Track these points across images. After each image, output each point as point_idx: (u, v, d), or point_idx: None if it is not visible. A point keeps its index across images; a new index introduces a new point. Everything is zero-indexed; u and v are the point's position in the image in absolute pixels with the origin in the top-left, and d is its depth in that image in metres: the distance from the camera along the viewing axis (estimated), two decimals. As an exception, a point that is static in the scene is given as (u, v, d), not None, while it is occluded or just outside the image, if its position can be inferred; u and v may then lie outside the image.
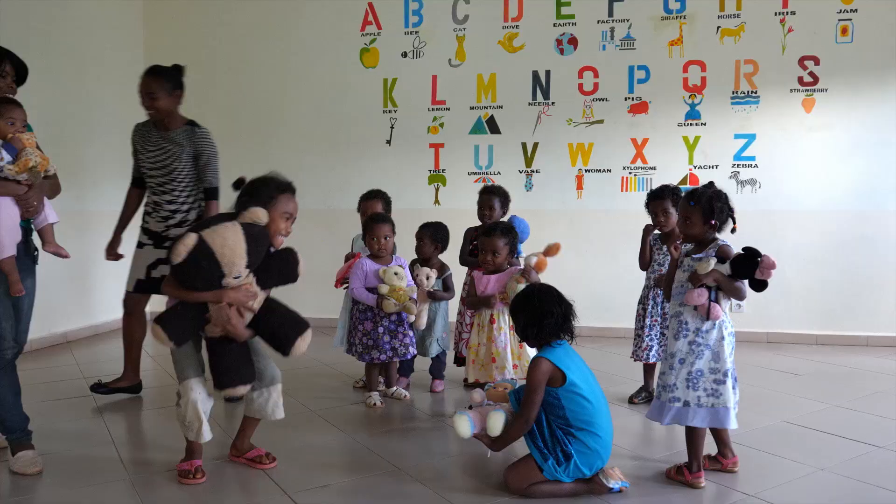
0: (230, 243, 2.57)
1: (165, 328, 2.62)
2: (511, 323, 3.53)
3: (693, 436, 2.84)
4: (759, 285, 2.74)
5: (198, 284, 2.63)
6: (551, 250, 3.53)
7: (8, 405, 2.96)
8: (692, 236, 2.92)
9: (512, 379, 3.38)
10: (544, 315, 2.79)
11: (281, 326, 2.78)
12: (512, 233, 3.63)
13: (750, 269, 2.71)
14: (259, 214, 2.66)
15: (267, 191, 2.84)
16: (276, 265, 2.81)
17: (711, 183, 2.95)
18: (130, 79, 6.65)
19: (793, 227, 5.74)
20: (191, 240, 2.53)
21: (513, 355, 3.53)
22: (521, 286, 3.34)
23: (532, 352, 3.50)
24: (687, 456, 2.87)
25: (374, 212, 4.21)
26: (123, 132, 6.45)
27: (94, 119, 6.01)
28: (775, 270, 2.72)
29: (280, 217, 2.83)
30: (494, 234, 3.60)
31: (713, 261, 2.76)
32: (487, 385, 3.18)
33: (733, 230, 2.90)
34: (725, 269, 2.76)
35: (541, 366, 2.73)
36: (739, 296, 2.81)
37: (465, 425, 2.81)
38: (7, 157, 2.82)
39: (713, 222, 2.86)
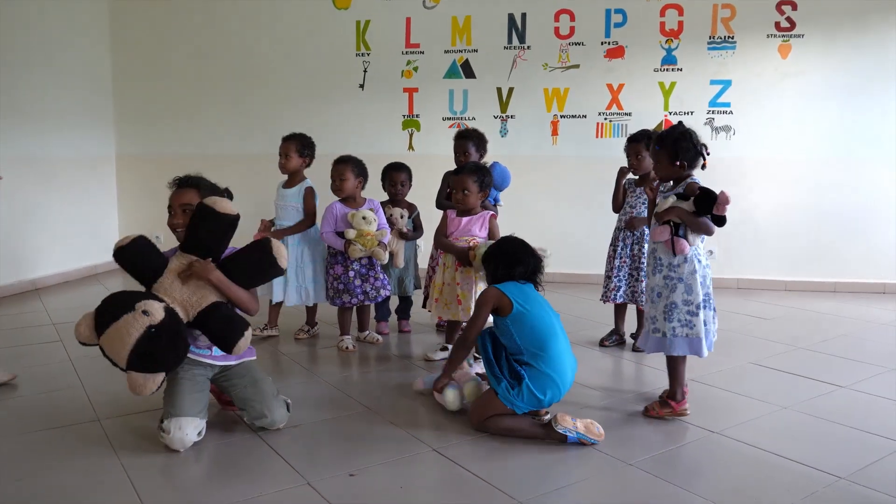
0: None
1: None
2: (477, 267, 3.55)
3: (675, 364, 2.94)
4: (720, 220, 2.81)
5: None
6: None
7: None
8: (664, 177, 2.99)
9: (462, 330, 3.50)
10: (516, 263, 2.93)
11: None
12: (482, 171, 3.59)
13: (708, 205, 2.78)
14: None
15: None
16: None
17: (681, 123, 2.97)
18: (96, 24, 6.47)
19: (765, 174, 5.77)
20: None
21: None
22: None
23: None
24: (670, 387, 2.97)
25: (286, 151, 4.11)
26: (89, 78, 6.32)
27: (58, 65, 5.83)
28: (729, 209, 2.79)
29: (168, 212, 2.78)
30: (463, 172, 3.59)
31: (671, 198, 2.86)
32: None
33: (703, 166, 2.92)
34: (690, 205, 2.83)
35: (488, 292, 2.90)
36: (706, 230, 2.85)
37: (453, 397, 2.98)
38: None
39: (679, 163, 2.90)
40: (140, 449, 2.59)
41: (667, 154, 2.90)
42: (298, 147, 4.11)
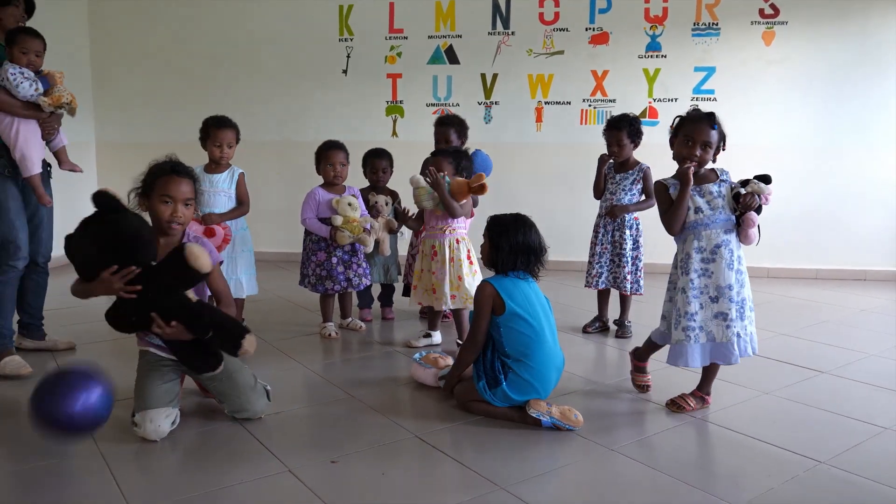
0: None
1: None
2: (451, 255, 3.54)
3: (715, 367, 2.85)
4: (758, 211, 2.76)
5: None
6: (479, 187, 3.41)
7: (7, 313, 3.29)
8: (706, 162, 2.78)
9: (445, 317, 3.71)
10: (528, 250, 2.80)
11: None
12: (458, 154, 3.58)
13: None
14: None
15: (146, 179, 2.64)
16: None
17: (697, 108, 2.81)
18: (74, 9, 6.34)
19: (748, 162, 5.72)
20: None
21: (451, 286, 3.55)
22: (426, 196, 3.49)
23: (471, 283, 3.52)
24: (708, 383, 2.89)
25: (228, 140, 3.78)
26: (67, 64, 6.19)
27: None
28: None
29: (159, 202, 2.58)
30: (439, 155, 3.57)
31: (761, 185, 2.73)
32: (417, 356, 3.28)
33: (715, 158, 2.84)
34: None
35: (485, 290, 2.77)
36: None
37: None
38: (41, 88, 3.23)
39: (722, 148, 2.78)
40: (118, 437, 2.56)
41: (719, 137, 2.74)
42: (238, 136, 3.85)
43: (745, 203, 2.71)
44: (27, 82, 3.20)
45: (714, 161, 2.82)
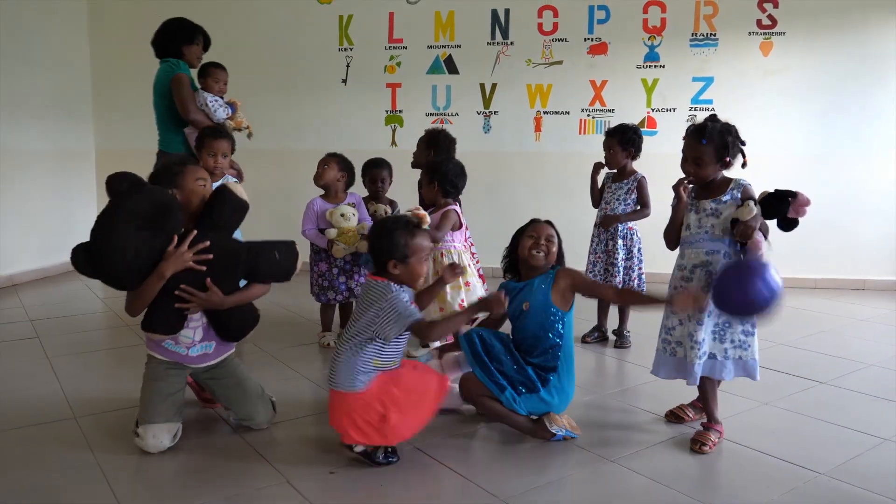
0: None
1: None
2: (436, 270, 3.53)
3: (710, 389, 2.70)
4: (790, 224, 2.62)
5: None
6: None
7: None
8: (704, 177, 2.64)
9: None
10: None
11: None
12: (436, 166, 3.62)
13: (781, 208, 2.57)
14: None
15: (168, 175, 2.65)
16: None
17: (714, 116, 2.66)
18: (74, 16, 6.34)
19: (746, 171, 5.77)
20: None
21: (438, 300, 3.48)
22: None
23: (454, 298, 3.50)
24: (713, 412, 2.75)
25: (223, 150, 3.65)
26: (67, 71, 6.22)
27: (34, 56, 5.73)
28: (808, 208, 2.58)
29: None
30: (423, 168, 3.73)
31: (754, 207, 2.53)
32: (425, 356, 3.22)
33: (744, 165, 2.66)
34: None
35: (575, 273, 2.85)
36: (766, 237, 2.61)
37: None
38: (230, 112, 4.02)
39: (727, 159, 2.60)
40: (116, 447, 2.55)
41: (714, 150, 2.57)
42: (233, 146, 3.78)
43: (740, 233, 2.56)
44: (221, 108, 4.01)
45: (732, 167, 2.68)
